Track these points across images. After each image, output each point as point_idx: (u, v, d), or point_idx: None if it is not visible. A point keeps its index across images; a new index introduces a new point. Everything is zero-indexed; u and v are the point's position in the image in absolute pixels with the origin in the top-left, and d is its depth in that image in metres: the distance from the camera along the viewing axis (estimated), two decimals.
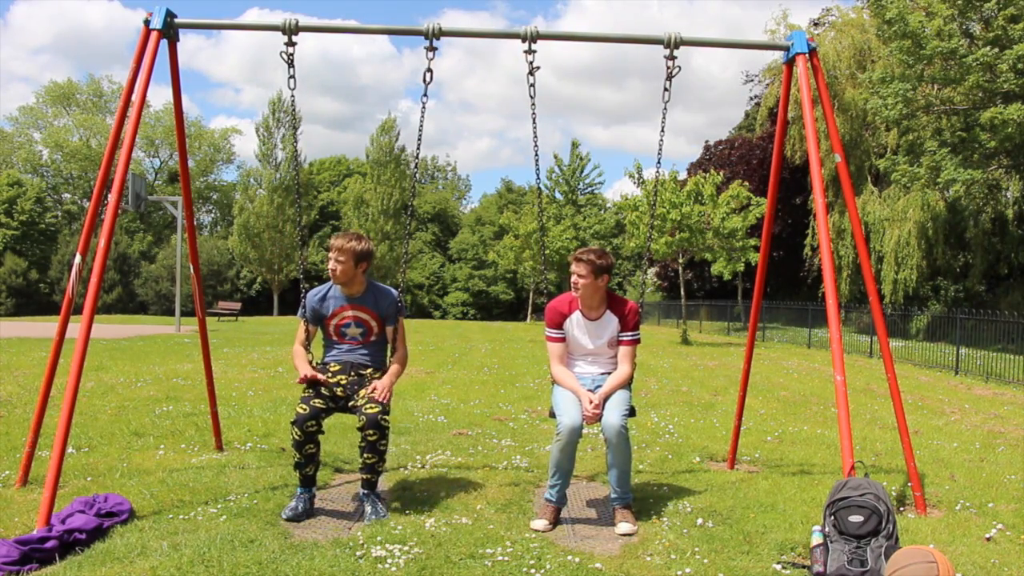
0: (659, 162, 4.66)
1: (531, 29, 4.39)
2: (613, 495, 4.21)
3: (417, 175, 4.78)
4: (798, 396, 9.90)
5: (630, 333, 4.40)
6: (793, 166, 28.52)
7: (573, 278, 4.36)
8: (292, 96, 4.50)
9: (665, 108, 4.56)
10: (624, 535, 3.97)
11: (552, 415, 4.32)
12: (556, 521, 4.15)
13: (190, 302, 29.40)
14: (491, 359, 14.45)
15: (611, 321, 4.42)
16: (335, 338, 4.52)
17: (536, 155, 4.62)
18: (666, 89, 4.49)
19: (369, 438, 4.11)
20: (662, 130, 4.59)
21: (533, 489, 4.77)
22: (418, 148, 4.67)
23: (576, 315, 4.43)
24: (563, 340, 4.46)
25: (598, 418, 4.17)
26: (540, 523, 4.06)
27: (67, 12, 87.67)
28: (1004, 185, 23.57)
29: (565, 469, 4.18)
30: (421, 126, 4.62)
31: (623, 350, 4.41)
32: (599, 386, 4.35)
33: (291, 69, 4.43)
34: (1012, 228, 24.07)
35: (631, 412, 4.29)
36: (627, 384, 4.37)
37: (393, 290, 4.56)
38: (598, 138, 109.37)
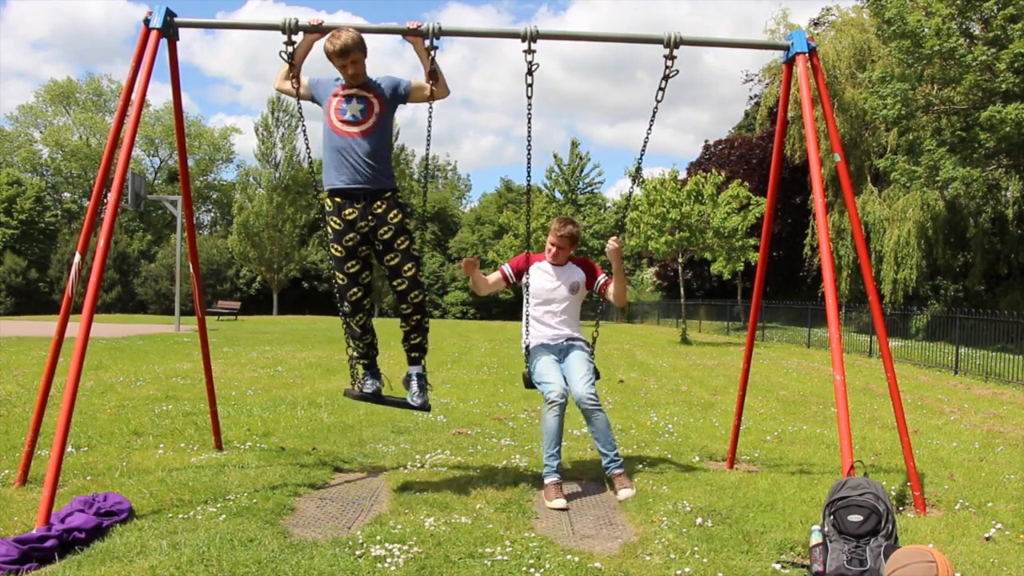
0: (640, 160, 4.82)
1: (531, 28, 4.38)
2: (604, 461, 4.66)
3: (427, 182, 4.84)
4: (797, 396, 9.90)
5: (604, 275, 5.03)
6: (793, 166, 28.53)
7: (554, 249, 4.90)
8: (297, 97, 4.50)
9: (656, 106, 4.55)
10: (625, 499, 4.37)
11: (531, 384, 4.83)
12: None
13: (190, 301, 29.38)
14: (490, 358, 14.45)
15: (573, 269, 4.98)
16: (334, 123, 4.34)
17: (528, 155, 4.63)
18: (661, 88, 4.49)
19: (412, 322, 4.57)
20: (649, 127, 4.62)
21: (533, 488, 4.77)
22: (427, 152, 4.74)
23: (540, 263, 5.00)
24: (505, 278, 5.02)
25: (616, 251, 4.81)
26: (559, 502, 4.34)
27: (65, 7, 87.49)
28: (1004, 185, 23.59)
29: (558, 437, 4.59)
30: (429, 133, 4.59)
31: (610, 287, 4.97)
32: (569, 344, 4.92)
33: (292, 69, 4.44)
34: (1012, 228, 24.08)
35: (596, 375, 4.81)
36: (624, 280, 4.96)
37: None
38: (604, 136, 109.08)
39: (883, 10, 17.96)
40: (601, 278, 5.03)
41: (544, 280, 4.96)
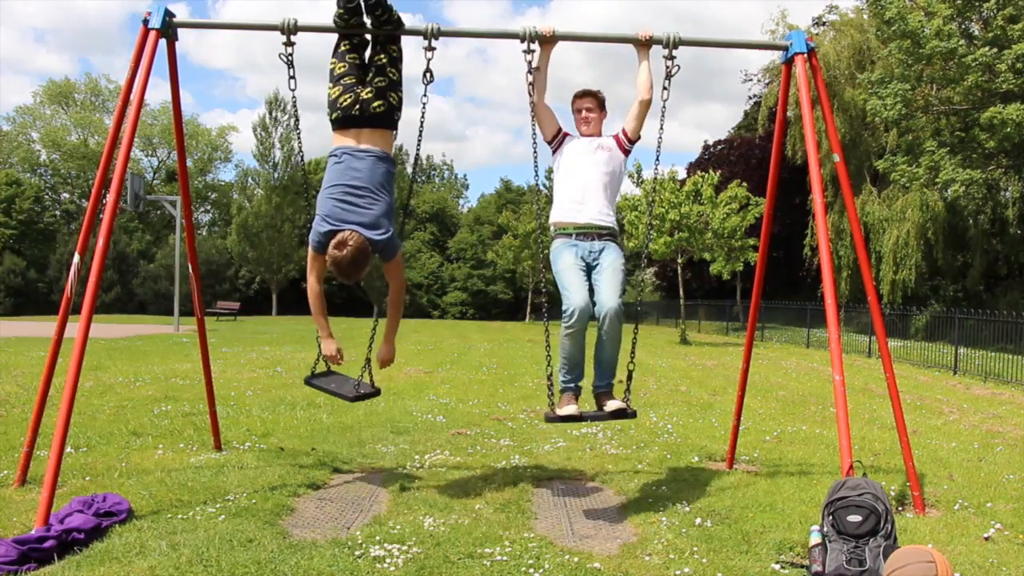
0: (657, 159, 4.73)
1: (530, 29, 4.39)
2: (600, 383, 4.36)
3: (415, 175, 4.80)
4: (797, 396, 9.91)
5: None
6: (792, 166, 28.50)
7: (583, 113, 4.58)
8: (293, 96, 4.51)
9: (664, 108, 4.56)
10: (616, 410, 4.22)
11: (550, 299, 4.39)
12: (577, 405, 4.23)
13: (189, 301, 29.31)
14: (490, 359, 14.45)
15: (606, 138, 4.65)
16: None
17: (535, 155, 4.62)
18: (665, 88, 4.51)
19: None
20: (660, 128, 4.59)
21: (532, 488, 4.77)
22: (418, 150, 4.69)
23: (571, 137, 4.65)
24: (556, 127, 4.61)
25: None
26: (569, 408, 4.14)
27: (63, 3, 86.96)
28: (1003, 185, 23.59)
29: (576, 360, 4.27)
30: (421, 129, 4.60)
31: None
32: (601, 247, 4.39)
33: (291, 69, 4.44)
34: (1011, 228, 24.09)
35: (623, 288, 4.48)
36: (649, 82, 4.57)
37: None
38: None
39: (883, 10, 17.96)
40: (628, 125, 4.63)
41: (576, 145, 4.59)
